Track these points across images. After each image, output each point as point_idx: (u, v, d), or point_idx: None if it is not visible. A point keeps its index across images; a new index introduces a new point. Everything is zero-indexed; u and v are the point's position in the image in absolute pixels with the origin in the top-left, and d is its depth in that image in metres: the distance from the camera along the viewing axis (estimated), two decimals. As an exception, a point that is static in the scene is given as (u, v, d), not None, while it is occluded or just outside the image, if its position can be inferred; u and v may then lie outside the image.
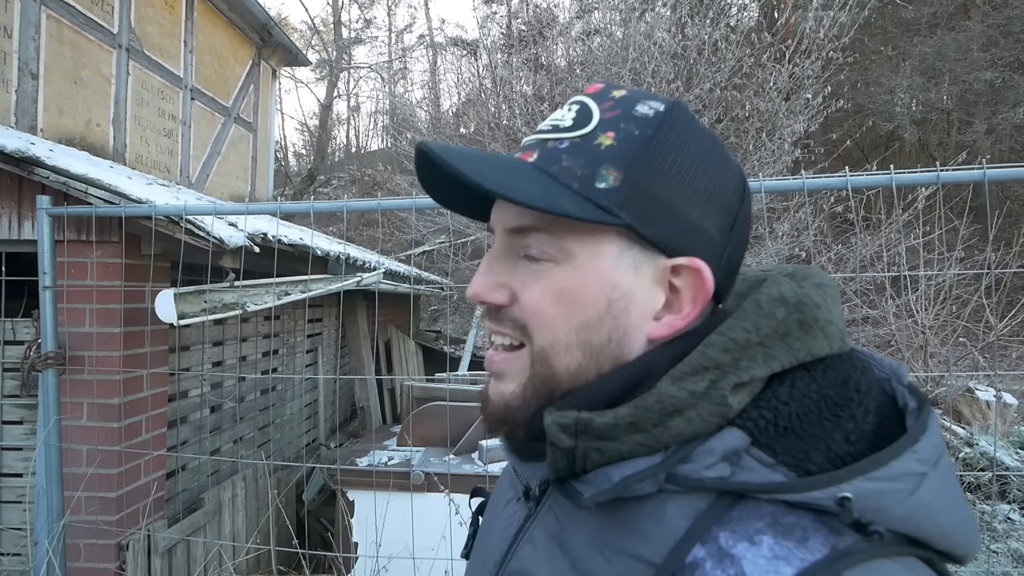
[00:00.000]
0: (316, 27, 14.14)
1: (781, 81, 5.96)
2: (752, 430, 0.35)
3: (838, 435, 0.34)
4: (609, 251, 0.39)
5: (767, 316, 0.37)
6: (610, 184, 0.38)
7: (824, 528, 0.32)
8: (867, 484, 0.31)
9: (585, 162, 0.39)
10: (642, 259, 0.40)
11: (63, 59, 3.20)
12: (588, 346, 0.40)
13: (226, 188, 4.98)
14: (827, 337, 0.37)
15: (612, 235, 0.39)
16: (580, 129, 0.40)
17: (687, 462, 0.35)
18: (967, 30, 10.44)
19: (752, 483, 0.33)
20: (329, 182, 13.88)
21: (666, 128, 0.40)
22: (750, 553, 0.31)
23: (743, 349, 0.36)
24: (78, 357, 2.06)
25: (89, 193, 1.96)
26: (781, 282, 0.38)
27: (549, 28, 9.09)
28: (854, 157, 10.19)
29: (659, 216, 0.39)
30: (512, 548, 0.44)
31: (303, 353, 3.94)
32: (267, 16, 5.12)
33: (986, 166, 1.34)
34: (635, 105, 0.40)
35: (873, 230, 5.35)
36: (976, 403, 4.28)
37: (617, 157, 0.39)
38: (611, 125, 0.40)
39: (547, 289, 0.40)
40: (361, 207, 1.85)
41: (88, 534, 2.06)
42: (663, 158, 0.39)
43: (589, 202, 0.38)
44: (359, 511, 2.65)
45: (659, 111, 0.40)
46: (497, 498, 0.52)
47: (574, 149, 0.40)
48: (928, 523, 0.32)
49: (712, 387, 0.35)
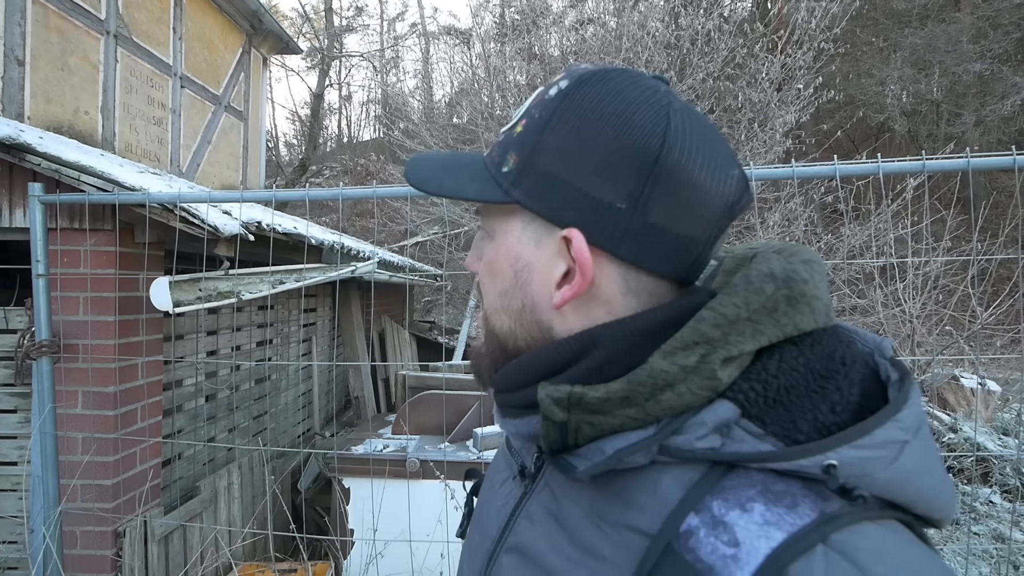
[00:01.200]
0: (307, 15, 13.95)
1: (773, 72, 5.98)
2: (742, 402, 0.36)
3: (824, 406, 0.35)
4: (515, 227, 0.44)
5: (756, 292, 0.37)
6: (510, 167, 0.43)
7: (812, 494, 0.33)
8: (852, 452, 0.33)
9: (501, 150, 0.44)
10: (543, 232, 0.42)
11: (50, 45, 3.15)
12: (509, 311, 0.45)
13: (217, 177, 4.93)
14: (813, 312, 0.38)
15: (518, 213, 0.43)
16: (513, 121, 0.45)
17: (679, 434, 0.36)
18: (957, 22, 10.49)
19: (742, 453, 0.35)
20: (321, 172, 13.76)
21: (563, 106, 0.41)
22: (742, 520, 0.33)
23: (732, 324, 0.36)
24: (72, 345, 2.05)
25: (82, 180, 1.94)
26: (771, 258, 0.39)
27: (542, 17, 9.03)
28: (845, 148, 10.26)
29: (548, 191, 0.41)
30: (509, 524, 0.45)
31: (298, 343, 3.95)
32: (257, 3, 5.04)
33: (969, 155, 1.37)
34: (549, 89, 0.43)
35: (862, 220, 5.41)
36: (961, 390, 4.37)
37: (519, 141, 0.43)
38: (527, 113, 0.43)
39: (484, 261, 0.47)
40: (357, 195, 1.86)
41: (85, 521, 2.07)
42: (552, 133, 0.41)
43: (496, 185, 0.43)
44: (355, 499, 2.67)
45: (561, 89, 0.42)
46: (493, 477, 0.54)
47: (503, 140, 0.45)
48: (909, 488, 0.34)
49: (702, 361, 0.36)
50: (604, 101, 0.40)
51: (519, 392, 0.43)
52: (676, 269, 0.41)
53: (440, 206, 7.09)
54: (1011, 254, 3.30)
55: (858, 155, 6.03)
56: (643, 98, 0.40)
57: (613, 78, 0.41)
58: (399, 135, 8.99)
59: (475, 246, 0.50)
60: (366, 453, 2.74)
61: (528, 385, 0.42)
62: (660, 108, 0.39)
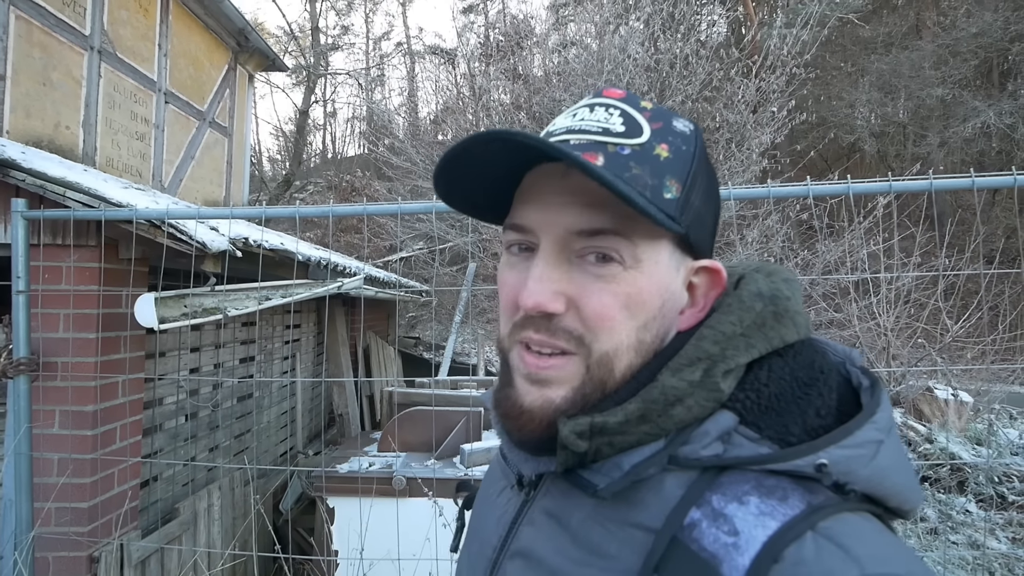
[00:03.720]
0: (293, 33, 14.01)
1: (749, 94, 6.20)
2: (740, 411, 0.39)
3: (811, 411, 0.39)
4: (664, 255, 0.43)
5: (748, 309, 0.42)
6: (673, 194, 0.41)
7: (800, 488, 0.36)
8: (839, 451, 0.36)
9: (651, 171, 0.41)
10: (680, 261, 0.44)
11: (32, 60, 3.12)
12: (642, 345, 0.42)
13: (200, 193, 4.89)
14: (796, 325, 0.43)
15: (667, 240, 0.43)
16: (635, 137, 0.41)
17: (686, 444, 0.39)
18: (919, 49, 11.03)
19: (743, 457, 0.38)
20: (305, 187, 13.68)
21: (700, 145, 0.44)
22: (740, 511, 0.36)
23: (729, 339, 0.41)
24: (51, 363, 2.01)
25: (67, 196, 1.92)
26: (758, 279, 0.44)
27: (526, 39, 9.24)
28: (818, 167, 10.62)
29: (698, 224, 0.44)
30: (512, 532, 0.46)
31: (281, 359, 3.89)
32: (244, 21, 5.07)
33: (932, 176, 1.46)
34: (672, 120, 0.44)
35: (837, 237, 5.59)
36: (935, 401, 4.50)
37: (675, 169, 0.42)
38: (662, 137, 0.42)
39: (617, 294, 0.41)
40: (346, 212, 1.87)
41: (58, 546, 2.00)
42: (700, 172, 0.44)
43: (660, 210, 0.40)
44: (340, 518, 2.62)
45: (692, 130, 0.45)
46: (488, 489, 0.54)
47: (637, 157, 0.41)
48: (887, 483, 0.38)
49: (706, 376, 0.40)
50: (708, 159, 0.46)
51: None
52: None
53: (425, 221, 7.11)
54: (975, 270, 3.45)
55: (831, 174, 6.25)
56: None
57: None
58: (384, 151, 9.03)
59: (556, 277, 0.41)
60: (351, 471, 2.70)
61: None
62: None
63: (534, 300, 0.41)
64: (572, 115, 0.44)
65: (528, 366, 0.43)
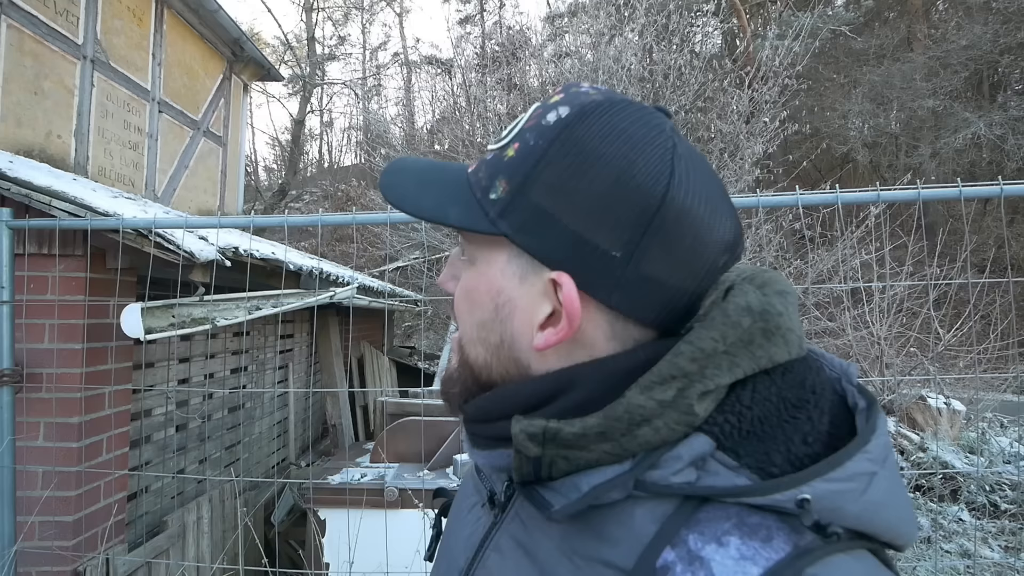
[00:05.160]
0: (289, 43, 14.10)
1: (742, 105, 6.26)
2: (717, 435, 0.35)
3: (797, 437, 0.35)
4: (499, 259, 0.41)
5: (734, 325, 0.36)
6: (499, 195, 0.39)
7: (786, 527, 0.33)
8: (824, 485, 0.32)
9: (489, 173, 0.41)
10: (529, 269, 0.40)
11: (24, 69, 3.12)
12: (487, 344, 0.43)
13: (194, 202, 4.88)
14: (787, 344, 0.38)
15: (504, 244, 0.40)
16: (501, 141, 0.42)
17: (655, 468, 0.35)
18: (911, 61, 11.18)
19: (717, 487, 0.34)
20: (301, 197, 13.69)
21: (562, 137, 0.38)
22: (718, 555, 0.32)
23: (709, 357, 0.36)
24: (36, 375, 1.98)
25: (53, 206, 1.91)
26: (748, 291, 0.38)
27: (522, 50, 9.33)
28: (812, 178, 10.70)
29: (539, 227, 0.38)
30: (478, 556, 0.43)
31: (273, 370, 3.87)
32: (239, 31, 5.10)
33: (920, 186, 1.46)
34: (547, 113, 0.39)
35: (830, 246, 5.62)
36: (928, 410, 4.51)
37: (510, 168, 0.39)
38: (520, 135, 0.40)
39: (461, 287, 0.45)
40: (336, 221, 1.87)
41: (42, 560, 1.96)
42: (548, 167, 0.38)
43: (482, 212, 0.40)
44: (331, 530, 2.59)
45: (561, 118, 0.38)
46: (461, 502, 0.52)
47: (491, 160, 0.41)
48: (878, 520, 0.34)
49: (679, 396, 0.35)
50: (607, 139, 0.37)
51: (492, 424, 0.42)
52: (665, 319, 0.39)
53: (420, 231, 7.12)
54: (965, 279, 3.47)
55: (824, 184, 6.30)
56: (648, 139, 0.37)
57: (618, 112, 0.38)
58: (380, 161, 9.06)
59: (451, 264, 0.47)
60: (343, 483, 2.67)
61: (502, 418, 0.40)
62: (665, 152, 0.37)
63: (440, 280, 0.48)
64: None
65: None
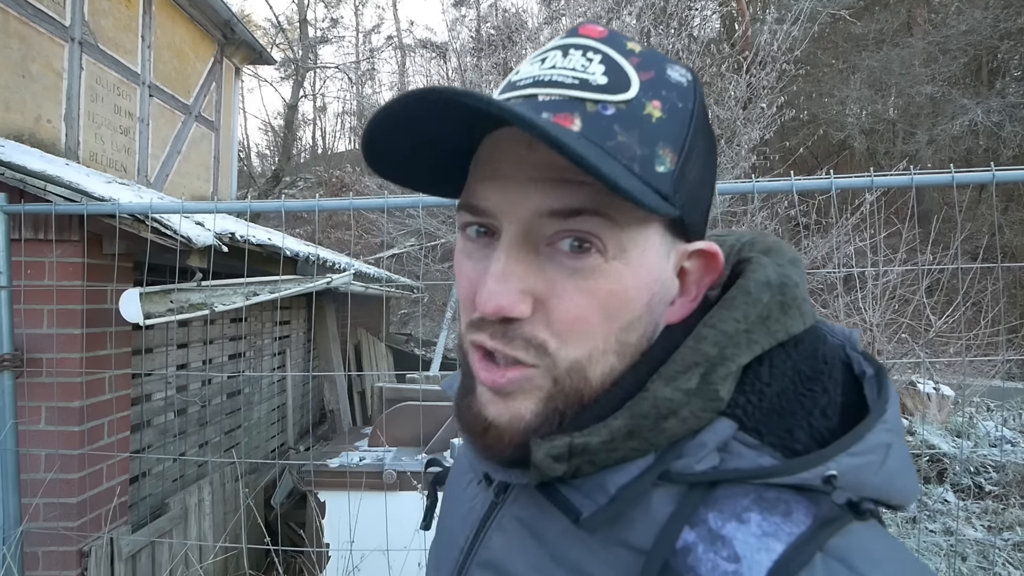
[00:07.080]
0: (281, 25, 13.87)
1: (739, 91, 6.23)
2: (740, 416, 0.34)
3: (816, 410, 0.34)
4: (655, 240, 0.35)
5: (754, 303, 0.35)
6: (667, 167, 0.33)
7: (804, 499, 0.32)
8: (849, 459, 0.32)
9: (641, 138, 0.32)
10: (671, 245, 0.36)
11: (10, 52, 3.07)
12: (623, 346, 0.35)
13: (187, 188, 4.84)
14: (803, 315, 0.36)
15: (657, 224, 0.34)
16: (621, 92, 0.33)
17: (680, 458, 0.34)
18: (910, 46, 11.11)
19: (743, 469, 0.33)
20: (295, 183, 13.59)
21: (699, 100, 0.35)
22: (740, 532, 0.31)
23: (731, 339, 0.34)
24: (36, 359, 2.00)
25: (48, 190, 1.91)
26: (765, 264, 0.37)
27: (518, 33, 9.21)
28: (809, 164, 10.70)
29: (693, 202, 0.36)
30: (480, 536, 0.41)
31: (271, 356, 3.89)
32: (229, 12, 5.01)
33: (913, 172, 1.48)
34: (666, 67, 0.35)
35: (824, 233, 5.65)
36: (918, 395, 4.60)
37: (669, 134, 0.33)
38: (654, 92, 0.34)
39: (595, 294, 0.33)
40: (333, 206, 1.87)
41: (47, 541, 2.00)
42: (698, 138, 0.35)
43: (650, 188, 0.32)
44: (331, 512, 2.64)
45: (690, 80, 0.35)
46: (457, 476, 0.49)
47: (623, 119, 0.32)
48: (893, 488, 0.34)
49: (703, 382, 0.34)
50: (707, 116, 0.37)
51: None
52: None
53: (416, 217, 7.09)
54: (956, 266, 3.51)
55: (820, 171, 6.31)
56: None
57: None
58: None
59: (505, 276, 0.33)
60: (342, 465, 2.71)
61: None
62: None
63: (494, 304, 0.33)
64: (541, 60, 0.35)
65: (484, 380, 0.36)
